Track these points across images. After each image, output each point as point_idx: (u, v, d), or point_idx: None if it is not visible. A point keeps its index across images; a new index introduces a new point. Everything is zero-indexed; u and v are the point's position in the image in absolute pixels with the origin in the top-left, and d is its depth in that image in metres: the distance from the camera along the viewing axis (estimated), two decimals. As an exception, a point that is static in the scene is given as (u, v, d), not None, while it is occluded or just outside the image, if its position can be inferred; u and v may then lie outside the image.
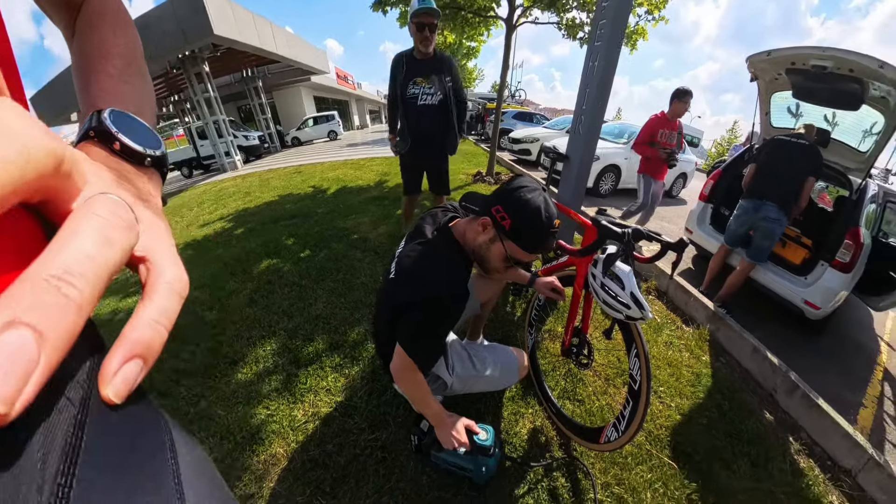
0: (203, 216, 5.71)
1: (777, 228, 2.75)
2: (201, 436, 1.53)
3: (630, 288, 1.22)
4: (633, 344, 1.34)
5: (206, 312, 2.50)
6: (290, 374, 1.83)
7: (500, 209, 1.07)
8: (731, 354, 2.40)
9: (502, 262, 1.14)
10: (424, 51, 2.56)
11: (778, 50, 2.89)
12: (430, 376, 1.36)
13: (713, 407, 1.92)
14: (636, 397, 1.29)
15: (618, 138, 7.12)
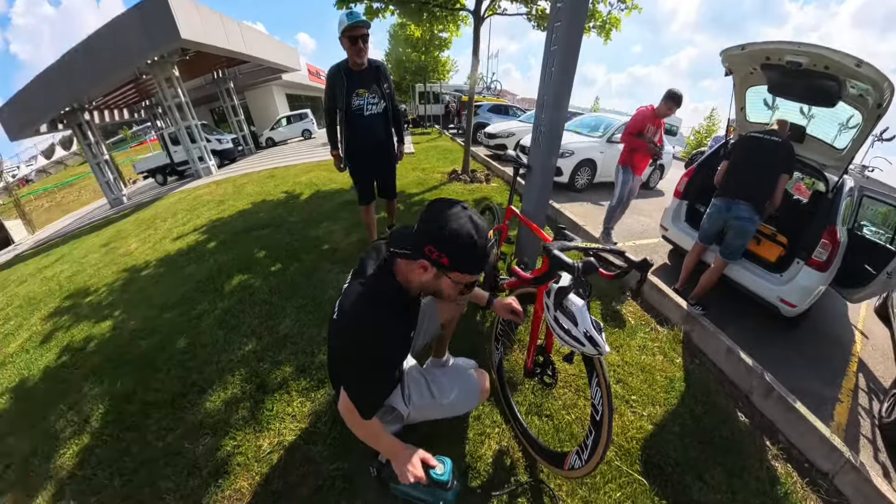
0: (177, 228, 5.60)
1: (749, 227, 2.70)
2: (170, 472, 1.56)
3: (584, 326, 1.16)
4: (593, 373, 1.29)
5: (176, 337, 2.50)
6: (256, 400, 1.86)
7: (433, 249, 1.03)
8: (705, 355, 2.38)
9: (454, 290, 1.14)
10: (360, 62, 2.56)
11: (752, 44, 2.78)
12: (385, 408, 1.35)
13: (686, 413, 1.89)
14: (598, 427, 1.24)
15: (593, 131, 7.07)
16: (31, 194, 25.55)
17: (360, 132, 2.73)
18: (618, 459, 1.62)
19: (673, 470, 1.59)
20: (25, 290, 5.15)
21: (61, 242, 8.71)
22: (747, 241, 2.79)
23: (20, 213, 20.21)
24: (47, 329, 3.33)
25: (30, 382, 2.54)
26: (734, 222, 2.74)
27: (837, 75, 2.48)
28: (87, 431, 1.89)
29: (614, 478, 1.54)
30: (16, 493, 1.65)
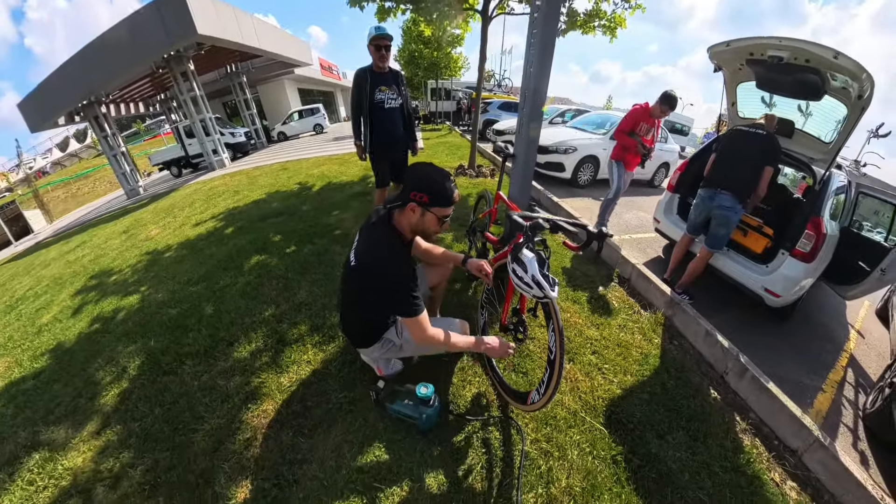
0: (195, 216, 5.97)
1: (732, 216, 2.84)
2: (206, 401, 1.89)
3: (532, 271, 1.46)
4: (550, 320, 1.56)
5: (203, 305, 2.81)
6: (277, 351, 2.18)
7: (416, 192, 1.47)
8: (685, 338, 2.54)
9: (437, 224, 1.55)
10: (382, 66, 3.14)
11: (737, 41, 2.94)
12: (383, 340, 1.75)
13: (657, 384, 2.07)
14: (552, 366, 1.51)
15: (598, 128, 7.25)
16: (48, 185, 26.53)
17: (382, 122, 3.23)
18: (583, 412, 1.85)
19: (635, 427, 1.79)
20: (51, 272, 5.57)
21: (80, 231, 9.22)
22: (730, 231, 2.94)
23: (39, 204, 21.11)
24: (76, 303, 3.67)
25: (66, 345, 2.85)
26: (717, 211, 2.91)
27: (819, 68, 2.62)
28: (125, 378, 2.22)
29: (576, 425, 1.78)
30: (62, 428, 1.96)
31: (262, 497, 1.43)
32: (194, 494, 1.47)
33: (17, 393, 2.38)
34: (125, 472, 1.61)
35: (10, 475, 1.71)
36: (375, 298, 1.61)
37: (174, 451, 1.66)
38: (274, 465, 1.55)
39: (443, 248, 2.00)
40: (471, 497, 1.45)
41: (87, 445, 1.79)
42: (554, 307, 1.53)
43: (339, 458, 1.56)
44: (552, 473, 1.55)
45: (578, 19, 6.03)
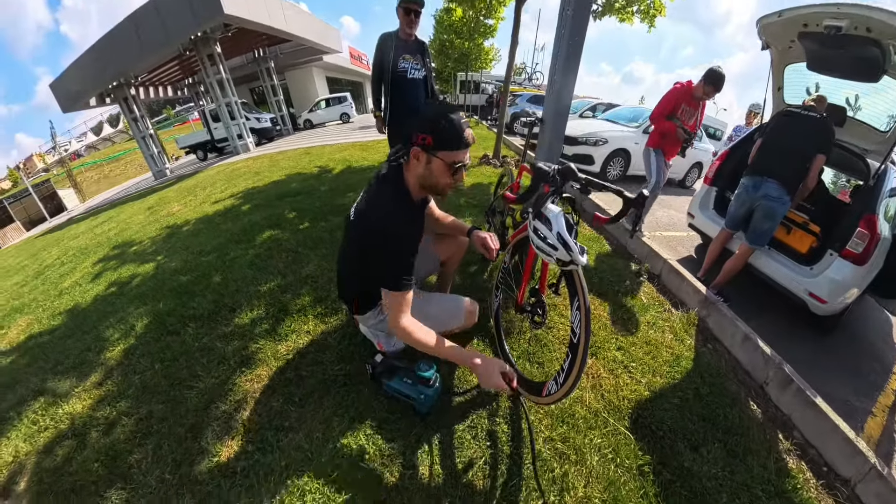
0: (215, 195, 6.18)
1: (778, 208, 2.62)
2: (204, 362, 1.93)
3: (557, 228, 1.26)
4: (575, 296, 1.38)
5: (212, 274, 2.90)
6: (278, 319, 2.21)
7: (418, 135, 1.28)
8: (720, 341, 2.36)
9: (447, 173, 1.33)
10: (409, 31, 3.00)
11: (790, 10, 2.66)
12: (379, 306, 1.65)
13: (690, 390, 1.89)
14: (575, 350, 1.33)
15: (630, 122, 7.09)
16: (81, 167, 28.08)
17: (403, 92, 3.12)
18: (606, 412, 1.69)
19: (665, 435, 1.62)
20: (78, 244, 5.91)
21: (109, 208, 9.71)
22: (775, 225, 2.71)
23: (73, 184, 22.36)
24: (97, 270, 3.88)
25: (82, 306, 3.05)
26: (762, 202, 2.68)
27: (880, 39, 2.39)
28: (132, 336, 2.32)
29: (598, 427, 1.62)
30: (68, 378, 2.08)
31: (244, 458, 1.43)
32: (182, 446, 1.50)
33: (33, 346, 2.58)
34: (120, 419, 1.68)
35: (18, 413, 1.87)
36: (372, 259, 1.45)
37: (168, 405, 1.71)
38: (260, 429, 1.55)
39: (453, 217, 1.88)
40: (468, 494, 1.34)
41: (88, 394, 1.89)
42: (580, 279, 1.36)
43: (327, 430, 1.52)
44: (568, 479, 1.40)
45: (616, 3, 5.89)
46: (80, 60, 12.13)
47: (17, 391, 2.07)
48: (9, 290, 4.53)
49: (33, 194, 19.51)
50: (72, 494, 1.40)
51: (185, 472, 1.41)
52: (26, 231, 18.26)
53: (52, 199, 20.42)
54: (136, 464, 1.46)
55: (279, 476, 1.36)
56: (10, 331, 2.98)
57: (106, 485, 1.40)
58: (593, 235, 3.60)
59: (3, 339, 2.85)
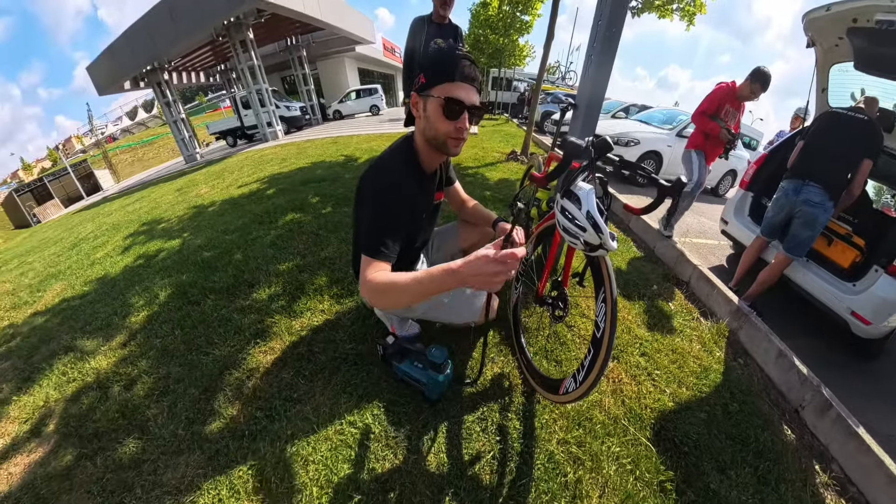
0: (242, 179, 6.40)
1: (820, 215, 2.50)
2: (221, 331, 2.04)
3: (587, 206, 1.15)
4: (601, 287, 1.31)
5: (234, 251, 3.02)
6: (294, 297, 2.29)
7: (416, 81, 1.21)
8: (751, 357, 2.26)
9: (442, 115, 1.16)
10: (444, 14, 3.03)
11: (839, 3, 2.53)
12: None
13: (718, 405, 1.81)
14: (598, 346, 1.26)
15: (664, 124, 7.01)
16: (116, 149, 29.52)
17: None
18: (626, 420, 1.63)
19: (690, 451, 1.55)
20: (111, 220, 6.26)
21: (141, 188, 10.21)
22: (816, 234, 2.58)
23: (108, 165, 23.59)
24: (127, 244, 4.11)
25: (111, 275, 3.24)
26: (803, 208, 2.56)
27: None
28: (156, 303, 2.46)
29: (617, 434, 1.56)
30: (95, 338, 2.24)
31: (252, 423, 1.50)
32: (195, 406, 1.60)
33: (66, 308, 2.79)
34: (140, 377, 1.81)
35: (50, 365, 2.06)
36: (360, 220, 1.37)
37: (185, 368, 1.82)
38: (270, 398, 1.61)
39: (480, 205, 1.85)
40: (473, 488, 1.32)
41: (113, 353, 2.04)
42: (608, 267, 1.28)
43: (334, 406, 1.56)
44: (581, 487, 1.35)
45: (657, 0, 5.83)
46: (115, 44, 12.75)
47: (49, 346, 2.27)
48: (47, 258, 4.85)
49: (71, 173, 20.71)
50: (94, 439, 1.52)
51: (196, 429, 1.49)
52: (64, 208, 19.41)
53: (89, 179, 21.64)
54: (152, 418, 1.57)
55: (284, 443, 1.41)
56: (46, 294, 3.21)
57: (125, 433, 1.52)
58: (621, 237, 3.55)
59: (39, 301, 3.07)
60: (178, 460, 1.39)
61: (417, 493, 1.28)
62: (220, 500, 1.25)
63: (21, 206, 19.24)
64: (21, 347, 2.36)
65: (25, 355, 2.25)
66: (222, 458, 1.38)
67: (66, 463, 1.45)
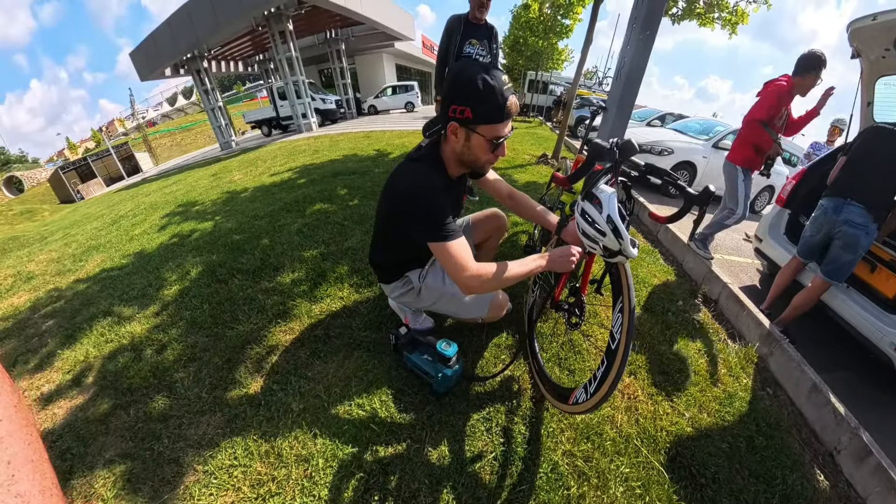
0: (274, 168, 6.69)
1: (862, 238, 2.38)
2: (245, 309, 2.20)
3: (608, 210, 1.14)
4: (619, 296, 1.29)
5: (262, 236, 3.21)
6: (316, 283, 2.44)
7: (454, 107, 1.20)
8: (782, 388, 2.13)
9: (487, 149, 1.27)
10: (480, 16, 3.14)
11: (887, 13, 2.44)
12: (405, 279, 1.73)
13: (741, 437, 1.72)
14: (612, 358, 1.23)
15: (700, 134, 6.95)
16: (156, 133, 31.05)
17: None
18: (639, 440, 1.59)
19: (707, 483, 1.48)
20: (149, 200, 6.66)
21: (178, 172, 10.77)
22: (857, 258, 2.45)
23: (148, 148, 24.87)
24: (163, 223, 4.40)
25: (148, 251, 3.49)
26: (843, 228, 2.44)
27: None
28: (187, 279, 2.66)
29: (628, 454, 1.53)
30: (131, 306, 2.46)
31: (269, 395, 1.64)
32: (219, 374, 1.77)
33: (105, 277, 3.05)
34: (170, 343, 2.01)
35: (90, 326, 2.28)
36: (400, 223, 1.47)
37: (211, 339, 1.99)
38: (286, 373, 1.75)
39: (541, 206, 1.78)
40: (472, 485, 1.35)
41: (147, 320, 2.25)
42: (627, 275, 1.27)
43: (345, 388, 1.67)
44: (584, 502, 1.35)
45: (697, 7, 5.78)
46: (157, 31, 13.45)
47: (90, 310, 2.50)
48: (89, 232, 5.24)
49: (113, 154, 21.96)
50: (128, 392, 1.72)
51: (218, 394, 1.66)
52: (106, 186, 20.59)
53: (130, 161, 22.90)
54: (179, 380, 1.75)
55: (296, 416, 1.55)
56: (87, 264, 3.50)
57: (155, 391, 1.70)
58: (647, 248, 3.55)
59: (81, 270, 3.35)
60: (200, 419, 1.55)
61: (416, 479, 1.35)
62: (235, 458, 1.39)
63: (66, 182, 20.53)
64: (65, 309, 2.59)
65: (69, 316, 2.47)
66: (239, 421, 1.53)
67: (102, 410, 1.64)
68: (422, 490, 1.33)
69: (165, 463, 1.39)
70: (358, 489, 1.32)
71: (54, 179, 21.67)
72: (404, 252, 1.66)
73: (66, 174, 20.97)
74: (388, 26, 15.79)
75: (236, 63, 18.18)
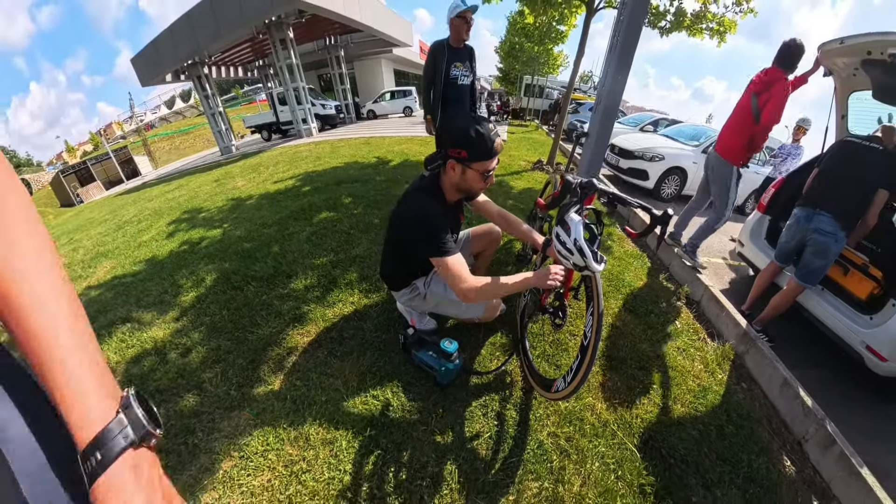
0: (277, 174, 6.81)
1: (832, 245, 2.54)
2: (263, 314, 2.32)
3: (575, 235, 1.44)
4: (591, 301, 1.54)
5: (272, 244, 3.34)
6: (328, 289, 2.58)
7: (453, 150, 1.54)
8: (756, 382, 2.29)
9: (481, 180, 1.62)
10: (463, 39, 3.37)
11: (853, 37, 2.61)
12: (412, 286, 1.98)
13: (713, 426, 1.87)
14: (584, 353, 1.47)
15: (690, 140, 7.16)
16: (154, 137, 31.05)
17: (454, 98, 3.54)
18: (616, 426, 1.79)
19: (676, 464, 1.65)
20: (152, 205, 6.76)
21: (179, 177, 10.85)
22: (828, 264, 2.61)
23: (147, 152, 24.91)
24: (171, 230, 4.51)
25: (159, 258, 3.61)
26: (814, 236, 2.61)
27: None
28: (202, 286, 2.79)
29: (605, 436, 1.73)
30: (150, 312, 2.57)
31: (293, 390, 1.81)
32: (244, 373, 1.92)
33: (117, 284, 3.16)
34: (195, 346, 2.14)
35: (109, 333, 2.39)
36: (408, 242, 1.77)
37: (233, 342, 2.14)
38: (306, 371, 1.92)
39: (527, 225, 2.02)
40: (471, 458, 1.57)
41: (167, 325, 2.38)
42: (597, 286, 1.52)
43: (361, 382, 1.87)
44: (564, 473, 1.56)
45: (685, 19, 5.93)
46: (159, 38, 13.57)
47: (107, 316, 2.60)
48: (94, 237, 5.34)
49: (112, 158, 22.00)
50: (157, 393, 1.85)
51: (246, 391, 1.82)
52: (105, 190, 20.61)
53: (129, 164, 22.93)
54: (207, 380, 1.89)
55: (320, 406, 1.73)
56: (97, 271, 3.61)
57: (184, 390, 1.85)
58: (636, 252, 3.70)
59: (92, 277, 3.47)
60: (231, 414, 1.70)
61: (425, 454, 1.58)
62: (267, 444, 1.56)
63: (66, 186, 20.55)
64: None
65: (86, 323, 2.59)
66: (268, 414, 1.69)
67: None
68: (430, 462, 1.55)
69: (202, 453, 1.54)
70: (377, 463, 1.54)
71: (55, 183, 21.68)
72: (411, 265, 1.95)
73: (66, 178, 20.99)
74: (386, 34, 15.96)
75: (236, 68, 18.28)
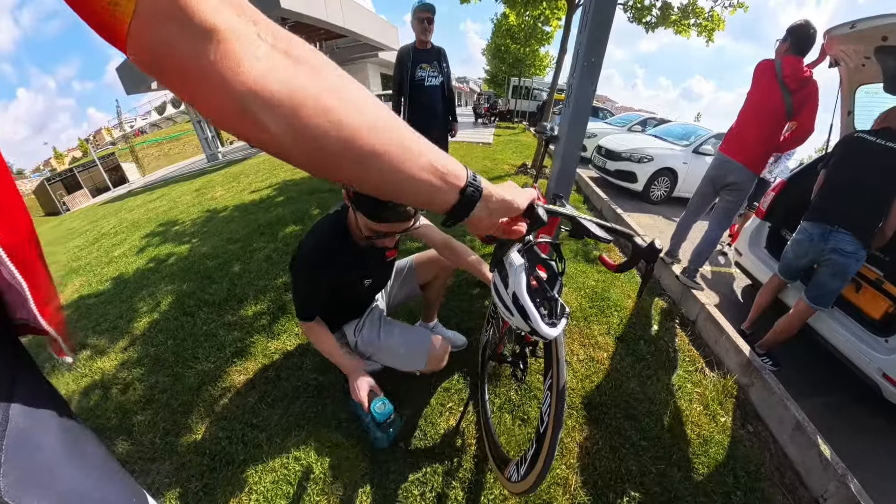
0: (255, 183, 6.73)
1: (852, 266, 2.17)
2: (206, 346, 2.26)
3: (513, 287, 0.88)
4: (549, 370, 1.11)
5: (233, 262, 3.28)
6: (276, 317, 2.48)
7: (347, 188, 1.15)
8: (763, 423, 1.95)
9: (368, 231, 1.25)
10: (425, 39, 3.32)
11: (866, 20, 2.25)
12: (339, 332, 1.68)
13: (717, 494, 1.53)
14: (540, 442, 1.07)
15: (680, 140, 6.98)
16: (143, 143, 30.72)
17: (421, 99, 3.46)
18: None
19: None
20: (132, 217, 6.66)
21: (164, 185, 10.73)
22: (845, 284, 2.25)
23: (135, 159, 24.63)
24: (143, 244, 4.43)
25: (125, 276, 3.52)
26: (832, 257, 2.20)
27: None
28: (157, 311, 2.71)
29: None
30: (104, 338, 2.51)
31: (215, 443, 1.66)
32: (173, 418, 1.81)
33: (82, 305, 3.09)
34: (133, 383, 2.06)
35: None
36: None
37: (171, 378, 2.05)
38: (233, 420, 1.76)
39: (475, 255, 1.64)
40: None
41: (115, 356, 2.31)
42: (559, 349, 1.08)
43: (285, 438, 1.66)
44: None
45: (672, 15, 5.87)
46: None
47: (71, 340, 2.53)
48: (71, 251, 5.27)
49: (99, 165, 21.76)
50: (99, 433, 1.76)
51: (170, 440, 1.70)
52: (92, 198, 20.38)
53: (116, 171, 22.71)
54: (138, 424, 1.79)
55: (236, 467, 1.55)
56: (66, 289, 3.54)
57: (116, 434, 1.76)
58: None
59: (61, 296, 3.39)
60: (151, 467, 1.59)
61: None
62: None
63: (52, 195, 20.29)
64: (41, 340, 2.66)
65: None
66: (185, 471, 1.56)
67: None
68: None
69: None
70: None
71: (40, 192, 21.40)
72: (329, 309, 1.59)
73: (52, 185, 20.75)
74: (371, 38, 15.83)
75: (222, 74, 18.05)
